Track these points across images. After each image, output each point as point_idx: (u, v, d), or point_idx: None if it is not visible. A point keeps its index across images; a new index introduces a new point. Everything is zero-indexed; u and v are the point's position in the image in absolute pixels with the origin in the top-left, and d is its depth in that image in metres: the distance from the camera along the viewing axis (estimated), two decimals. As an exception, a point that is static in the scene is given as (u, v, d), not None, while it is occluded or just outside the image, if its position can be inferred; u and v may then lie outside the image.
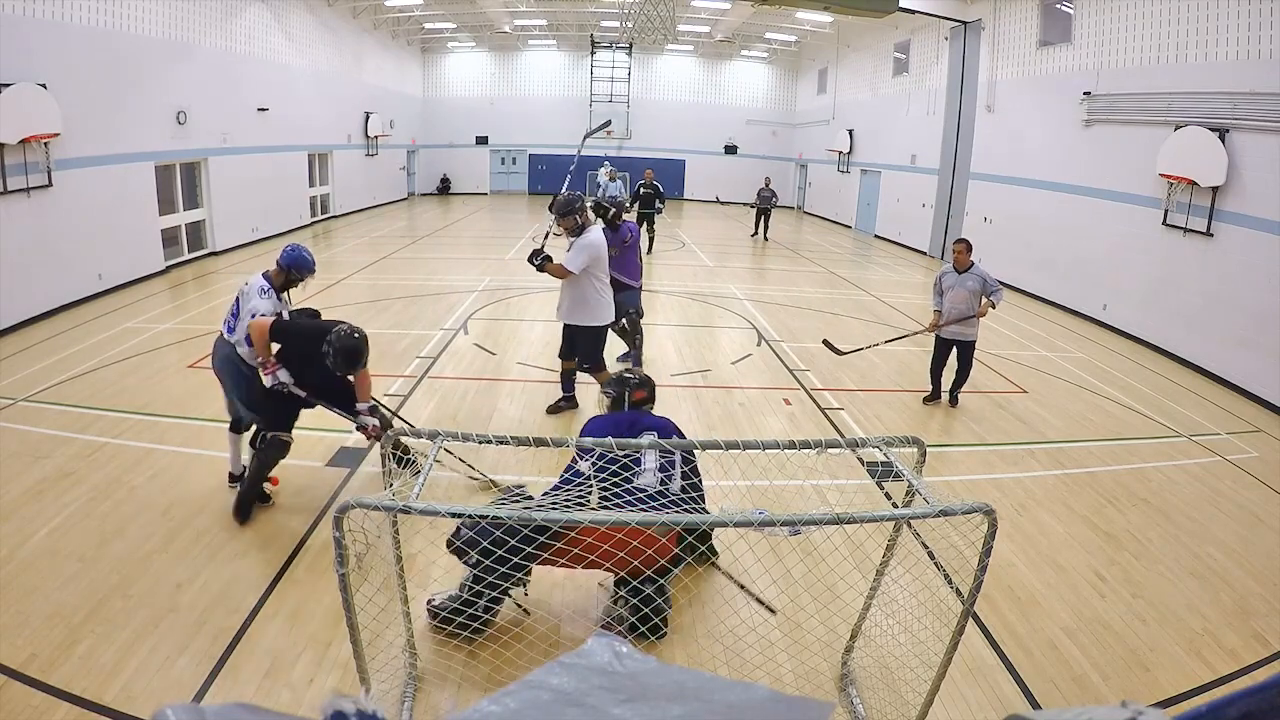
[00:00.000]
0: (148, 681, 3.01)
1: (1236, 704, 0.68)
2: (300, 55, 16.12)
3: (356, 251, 14.14)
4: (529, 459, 5.16)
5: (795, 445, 2.77)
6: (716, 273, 13.25)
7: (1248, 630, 3.72)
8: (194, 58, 11.92)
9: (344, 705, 0.71)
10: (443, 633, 3.26)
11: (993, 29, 13.81)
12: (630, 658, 1.06)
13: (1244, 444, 6.34)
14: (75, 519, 4.20)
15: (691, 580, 3.88)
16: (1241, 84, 8.15)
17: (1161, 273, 9.44)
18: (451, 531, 3.33)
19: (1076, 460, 5.77)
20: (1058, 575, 4.14)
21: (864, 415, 6.50)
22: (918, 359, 8.31)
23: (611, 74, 25.99)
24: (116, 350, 7.36)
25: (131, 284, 10.27)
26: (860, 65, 20.76)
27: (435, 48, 25.92)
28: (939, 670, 2.62)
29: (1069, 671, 3.36)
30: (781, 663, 3.29)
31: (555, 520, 2.17)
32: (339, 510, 2.18)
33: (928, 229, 16.39)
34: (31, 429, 5.41)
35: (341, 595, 2.34)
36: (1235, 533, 4.75)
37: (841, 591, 3.37)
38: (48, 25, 8.71)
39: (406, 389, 6.57)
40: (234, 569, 3.80)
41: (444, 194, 26.49)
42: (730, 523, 2.36)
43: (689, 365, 7.66)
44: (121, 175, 10.11)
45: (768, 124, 26.91)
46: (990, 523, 2.29)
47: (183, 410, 5.86)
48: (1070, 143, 11.36)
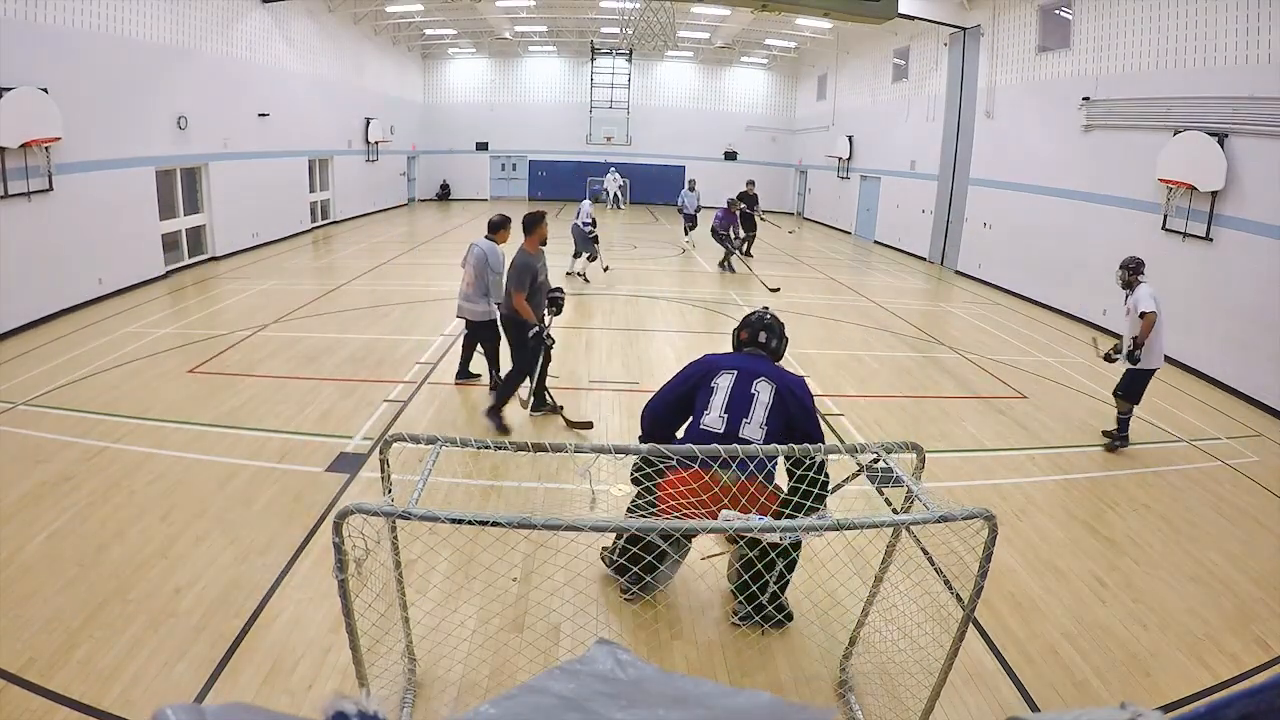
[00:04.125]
0: (146, 686, 3.00)
1: (1235, 705, 0.69)
2: (301, 61, 16.17)
3: (357, 257, 14.16)
4: (529, 463, 5.16)
5: (795, 451, 2.78)
6: (716, 279, 13.26)
7: (1248, 635, 3.71)
8: (195, 63, 11.96)
9: (345, 706, 0.71)
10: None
11: (992, 35, 13.86)
12: (632, 665, 1.06)
13: (1244, 448, 6.33)
14: (74, 523, 4.20)
15: (691, 581, 3.87)
16: (1241, 89, 8.17)
17: (1161, 278, 9.40)
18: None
19: (1077, 465, 5.77)
20: (1058, 580, 4.14)
21: (863, 421, 6.50)
22: (916, 364, 8.32)
23: (612, 80, 26.08)
24: (116, 355, 7.37)
25: (132, 289, 10.29)
26: (860, 71, 20.83)
27: (436, 54, 26.01)
28: (939, 676, 2.61)
29: (1070, 676, 3.35)
30: (781, 669, 3.28)
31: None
32: (338, 516, 2.18)
33: (927, 235, 16.42)
34: (31, 433, 5.41)
35: (341, 600, 2.34)
36: (1236, 537, 4.75)
37: (842, 598, 3.37)
38: (49, 30, 8.74)
39: (407, 394, 6.57)
40: (233, 574, 3.80)
41: (444, 200, 26.54)
42: (730, 528, 2.36)
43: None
44: (122, 180, 10.13)
45: (768, 130, 26.98)
46: (990, 528, 2.29)
47: (182, 415, 5.86)
48: (1069, 148, 11.39)
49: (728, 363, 3.45)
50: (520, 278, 5.61)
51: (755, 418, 3.27)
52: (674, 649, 3.41)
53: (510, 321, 5.78)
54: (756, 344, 3.61)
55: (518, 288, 5.60)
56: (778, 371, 3.45)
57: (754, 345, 3.61)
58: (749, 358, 3.52)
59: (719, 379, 3.37)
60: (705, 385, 3.40)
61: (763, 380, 3.35)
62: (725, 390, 3.33)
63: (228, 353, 7.57)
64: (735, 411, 3.28)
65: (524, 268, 5.63)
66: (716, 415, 3.29)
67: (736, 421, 3.27)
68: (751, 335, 3.61)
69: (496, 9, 20.87)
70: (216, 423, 5.75)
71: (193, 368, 7.04)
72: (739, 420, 3.27)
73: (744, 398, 3.30)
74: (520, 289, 5.60)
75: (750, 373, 3.37)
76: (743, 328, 3.66)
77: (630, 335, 8.98)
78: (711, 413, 3.30)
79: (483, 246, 6.18)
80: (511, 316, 5.73)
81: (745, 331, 3.64)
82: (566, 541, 3.80)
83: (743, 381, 3.34)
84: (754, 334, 3.61)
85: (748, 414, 3.27)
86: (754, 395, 3.30)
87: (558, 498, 4.79)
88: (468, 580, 3.74)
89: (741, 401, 3.29)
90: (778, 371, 3.45)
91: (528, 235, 5.78)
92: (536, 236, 5.78)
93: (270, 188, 14.86)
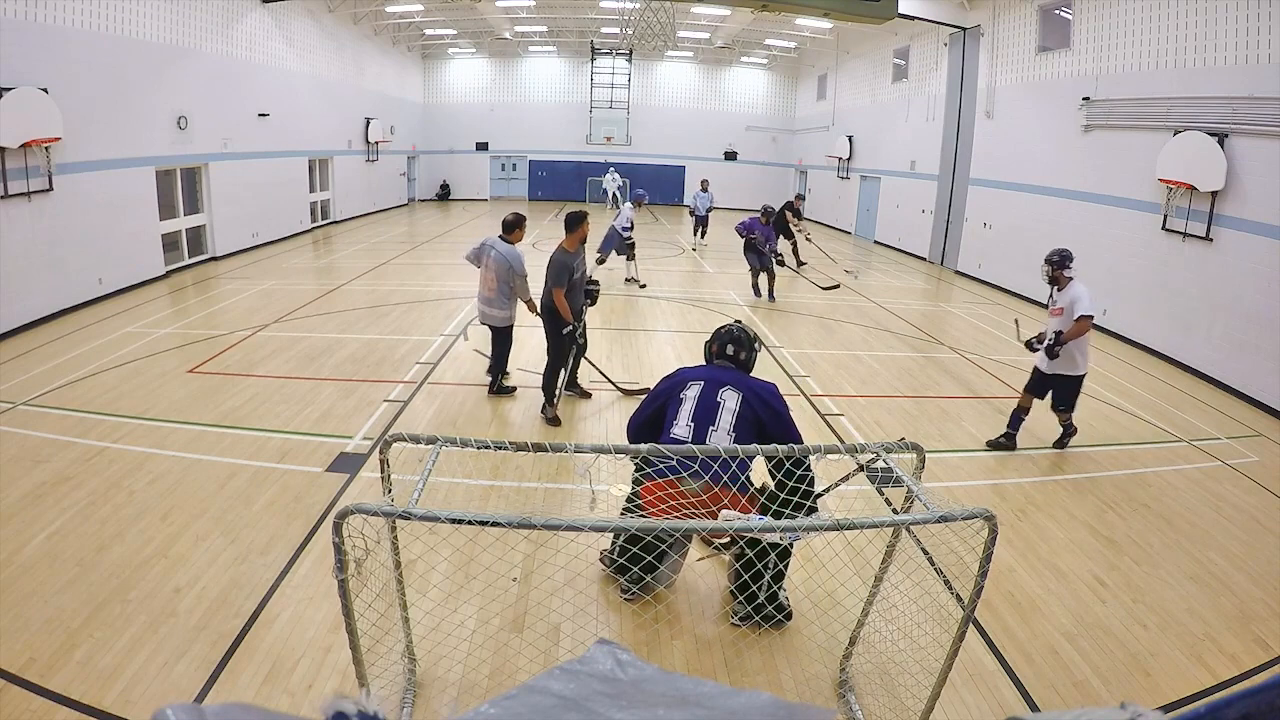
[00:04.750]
0: (146, 686, 3.00)
1: (1235, 705, 0.69)
2: (301, 61, 16.18)
3: (356, 257, 14.16)
4: (529, 464, 5.16)
5: (794, 451, 2.78)
6: (716, 279, 13.26)
7: (1248, 635, 3.71)
8: (195, 63, 11.96)
9: (345, 706, 0.71)
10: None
11: (992, 35, 13.87)
12: (632, 665, 1.06)
13: (1244, 448, 6.33)
14: (74, 523, 4.20)
15: (691, 581, 3.87)
16: (1240, 89, 8.17)
17: (1161, 278, 9.45)
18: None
19: (1077, 465, 5.77)
20: (1058, 580, 4.14)
21: (864, 421, 6.50)
22: (917, 364, 8.32)
23: (612, 80, 26.08)
24: (116, 355, 7.37)
25: (132, 289, 10.29)
26: (860, 71, 20.83)
27: (436, 54, 26.02)
28: (940, 676, 2.61)
29: (1070, 676, 3.35)
30: (781, 669, 3.29)
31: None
32: (338, 516, 2.18)
33: (927, 235, 16.42)
34: (31, 433, 5.41)
35: (341, 601, 2.34)
36: (1236, 537, 4.75)
37: (841, 598, 3.37)
38: (50, 30, 8.74)
39: (407, 394, 6.57)
40: (233, 574, 3.80)
41: (444, 200, 26.55)
42: (730, 528, 2.36)
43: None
44: (122, 180, 10.13)
45: (768, 130, 26.98)
46: (991, 528, 2.29)
47: (182, 415, 5.86)
48: (1069, 148, 11.39)
49: (695, 375, 3.55)
50: (559, 275, 5.82)
51: (722, 425, 3.34)
52: (674, 649, 3.41)
53: (548, 311, 5.99)
54: (725, 356, 3.70)
55: (556, 284, 5.83)
56: (743, 379, 3.52)
57: (723, 358, 3.70)
58: (716, 369, 3.62)
59: (688, 390, 3.46)
60: (675, 397, 3.49)
61: (728, 389, 3.42)
62: (692, 400, 3.41)
63: (228, 353, 7.58)
64: (701, 420, 3.36)
65: (562, 266, 5.83)
66: (684, 425, 3.37)
67: (703, 430, 3.34)
68: (720, 348, 3.71)
69: (496, 9, 20.88)
70: (216, 423, 5.75)
71: (193, 368, 7.04)
72: (705, 429, 3.34)
73: (710, 406, 3.38)
74: (559, 285, 5.82)
75: (716, 382, 3.46)
76: (713, 341, 3.78)
77: (630, 335, 8.98)
78: (679, 423, 3.38)
79: (502, 250, 6.23)
80: (550, 307, 5.95)
81: (715, 344, 3.75)
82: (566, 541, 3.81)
83: (709, 391, 3.42)
84: (722, 346, 3.71)
85: (714, 422, 3.35)
86: (720, 403, 3.38)
87: (558, 498, 4.79)
88: (468, 580, 3.73)
89: (708, 410, 3.37)
90: (743, 379, 3.52)
91: (569, 234, 6.00)
92: (577, 235, 5.99)
93: (270, 188, 14.86)
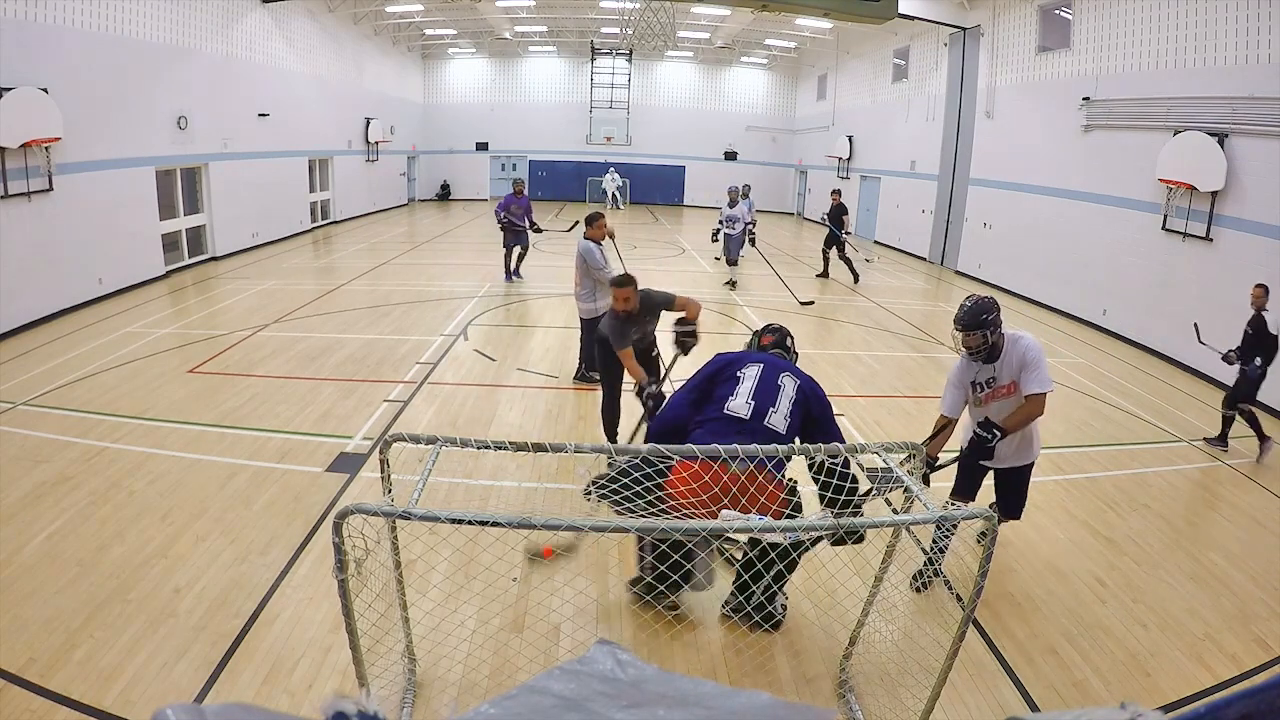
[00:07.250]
0: (146, 686, 3.00)
1: (1235, 705, 0.69)
2: (301, 61, 16.17)
3: (356, 257, 14.16)
4: (529, 464, 5.16)
5: (795, 451, 2.78)
6: (717, 279, 13.26)
7: (1248, 635, 3.71)
8: (195, 63, 11.96)
9: (345, 706, 0.71)
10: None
11: (992, 35, 13.86)
12: (632, 665, 1.06)
13: (1244, 448, 6.33)
14: (74, 523, 4.20)
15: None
16: (1240, 89, 8.17)
17: (1161, 277, 9.45)
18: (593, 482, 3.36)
19: (1077, 465, 5.77)
20: (1058, 580, 4.14)
21: (864, 421, 6.50)
22: (917, 364, 8.32)
23: (612, 80, 26.06)
24: (116, 355, 7.37)
25: (132, 289, 10.29)
26: (860, 71, 20.83)
27: (436, 54, 26.00)
28: (940, 676, 2.61)
29: (1070, 676, 3.35)
30: (781, 669, 3.29)
31: None
32: (338, 516, 2.18)
33: (927, 235, 16.42)
34: (31, 433, 5.41)
35: (341, 600, 2.34)
36: (1236, 537, 4.75)
37: (841, 598, 3.37)
38: (49, 30, 8.74)
39: (406, 395, 6.57)
40: (233, 574, 3.80)
41: (444, 200, 26.54)
42: (730, 528, 2.36)
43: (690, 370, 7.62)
44: (122, 180, 10.13)
45: (768, 130, 26.96)
46: (991, 528, 2.29)
47: (182, 415, 5.86)
48: (1069, 148, 11.39)
49: (752, 358, 3.55)
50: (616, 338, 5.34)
51: (781, 409, 3.34)
52: (674, 649, 3.41)
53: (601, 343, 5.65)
54: (781, 347, 3.82)
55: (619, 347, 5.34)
56: (799, 370, 3.57)
57: (777, 349, 3.80)
58: (773, 356, 3.64)
59: (745, 370, 3.46)
60: (728, 376, 3.48)
61: (788, 375, 3.45)
62: (753, 379, 3.40)
63: (228, 353, 7.58)
64: (762, 400, 3.34)
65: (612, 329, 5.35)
66: (743, 401, 3.34)
67: (764, 410, 3.32)
68: (775, 341, 3.84)
69: (496, 9, 20.87)
70: (216, 423, 5.75)
71: (193, 368, 7.04)
72: (766, 409, 3.33)
73: (771, 388, 3.38)
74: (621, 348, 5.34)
75: (776, 367, 3.49)
76: (766, 333, 3.89)
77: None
78: (738, 399, 3.35)
79: (580, 245, 6.58)
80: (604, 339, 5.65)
81: (769, 336, 3.86)
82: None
83: (769, 374, 3.44)
84: (778, 339, 3.85)
85: (774, 404, 3.34)
86: (780, 387, 3.39)
87: (558, 498, 4.79)
88: (468, 580, 3.74)
89: (769, 391, 3.37)
90: (799, 370, 3.57)
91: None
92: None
93: (270, 188, 14.85)
